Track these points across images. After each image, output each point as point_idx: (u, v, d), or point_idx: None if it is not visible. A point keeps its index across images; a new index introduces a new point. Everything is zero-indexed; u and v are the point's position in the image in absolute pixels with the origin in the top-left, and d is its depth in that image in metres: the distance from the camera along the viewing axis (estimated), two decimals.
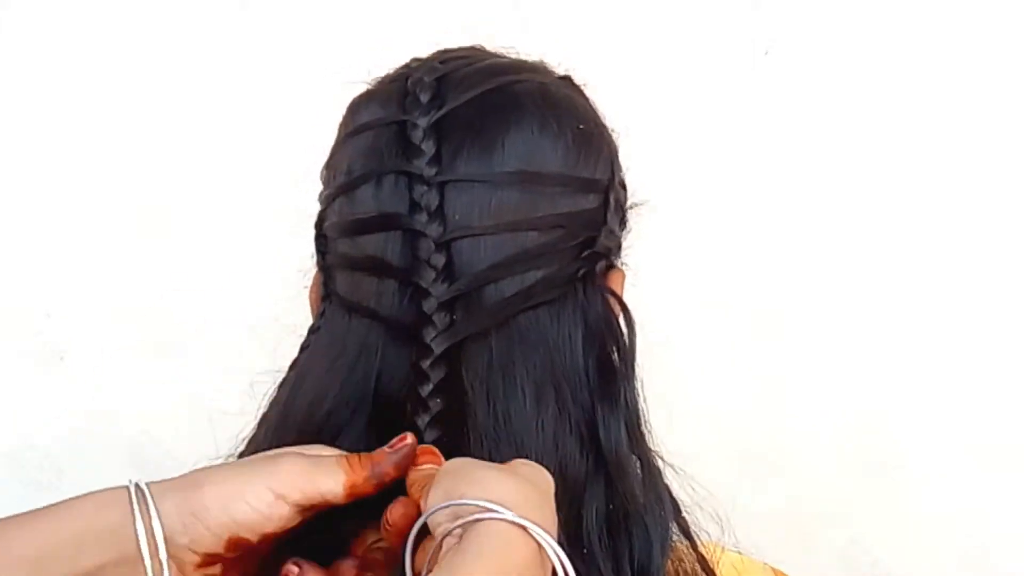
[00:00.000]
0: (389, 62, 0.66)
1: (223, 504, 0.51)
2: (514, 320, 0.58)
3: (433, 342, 0.57)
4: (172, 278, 1.20)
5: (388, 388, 0.58)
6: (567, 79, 0.65)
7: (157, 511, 0.50)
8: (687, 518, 0.60)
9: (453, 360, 0.57)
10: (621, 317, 0.61)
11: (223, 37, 1.18)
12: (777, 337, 1.22)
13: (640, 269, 0.66)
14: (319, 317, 0.63)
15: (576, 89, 0.65)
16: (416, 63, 0.64)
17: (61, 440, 1.20)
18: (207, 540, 0.51)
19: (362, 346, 0.59)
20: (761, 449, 1.22)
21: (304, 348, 0.63)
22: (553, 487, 0.51)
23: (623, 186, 0.64)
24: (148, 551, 0.50)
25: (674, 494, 0.60)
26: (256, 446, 0.62)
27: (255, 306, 1.19)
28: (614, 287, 0.62)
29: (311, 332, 0.63)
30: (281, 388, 0.63)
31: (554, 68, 0.66)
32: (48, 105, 1.18)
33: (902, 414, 1.22)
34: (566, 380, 0.58)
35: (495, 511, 0.46)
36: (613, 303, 0.61)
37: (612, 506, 0.57)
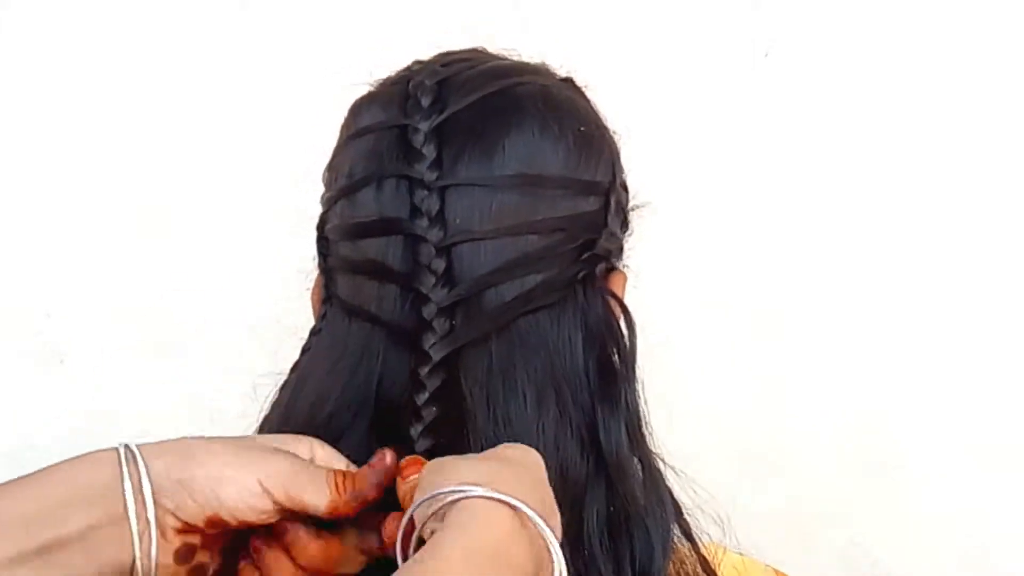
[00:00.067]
0: (389, 63, 0.66)
1: (212, 482, 0.51)
2: (514, 324, 0.57)
3: (431, 349, 0.57)
4: (172, 278, 1.19)
5: (390, 392, 0.58)
6: (569, 81, 0.65)
7: (147, 469, 0.50)
8: (689, 520, 0.60)
9: (451, 366, 0.57)
10: (622, 319, 0.61)
11: (223, 37, 1.18)
12: (777, 337, 1.22)
13: (640, 270, 0.66)
14: (320, 319, 0.63)
15: (578, 91, 0.65)
16: (418, 66, 0.64)
17: (61, 440, 1.20)
18: (190, 510, 0.51)
19: (364, 350, 0.59)
20: (761, 449, 1.22)
21: (305, 350, 0.63)
22: (542, 464, 0.51)
23: (624, 188, 0.64)
24: (135, 510, 0.49)
25: (675, 496, 0.60)
26: None
27: (255, 306, 1.19)
28: (615, 289, 0.62)
29: (312, 334, 0.63)
30: (283, 390, 0.63)
31: (556, 70, 0.65)
32: (48, 105, 1.17)
33: (902, 414, 1.22)
34: (566, 383, 0.58)
35: (465, 491, 0.46)
36: (614, 305, 0.61)
37: (613, 508, 0.57)
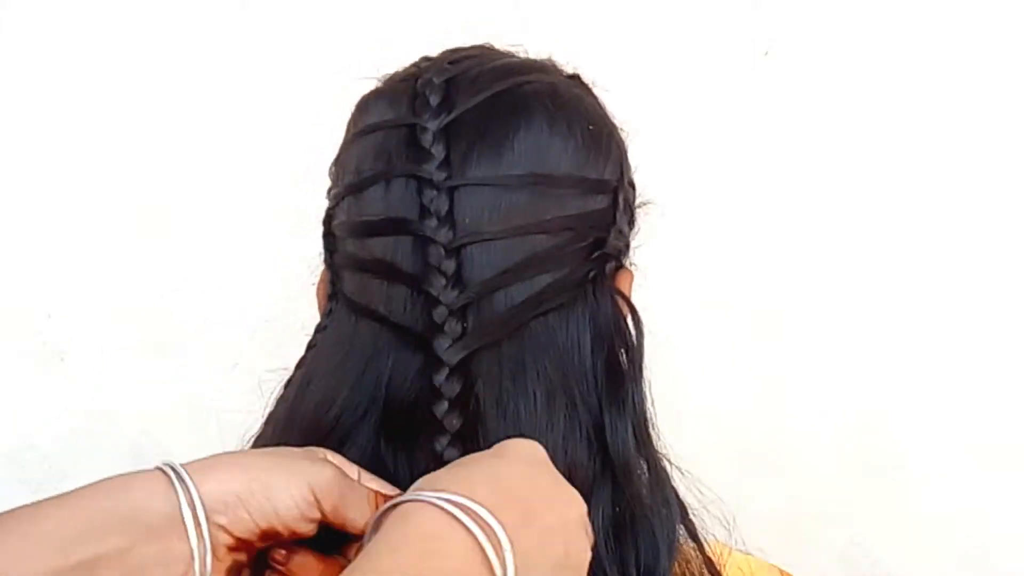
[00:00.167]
0: (389, 62, 0.66)
1: (268, 492, 0.50)
2: (525, 325, 0.57)
3: (445, 354, 0.56)
4: (172, 278, 1.19)
5: (399, 393, 0.57)
6: (576, 78, 0.65)
7: (197, 488, 0.50)
8: (694, 520, 0.60)
9: (465, 371, 0.56)
10: (629, 317, 0.61)
11: (223, 37, 1.18)
12: (777, 337, 1.22)
13: (640, 270, 0.66)
14: (326, 316, 0.62)
15: (585, 88, 0.64)
16: (426, 63, 0.63)
17: (61, 440, 1.20)
18: (245, 524, 0.50)
19: (372, 350, 0.58)
20: (761, 449, 1.22)
21: (311, 347, 0.63)
22: (538, 455, 0.52)
23: (632, 185, 0.64)
24: (193, 528, 0.49)
25: (681, 497, 0.60)
26: (264, 444, 0.61)
27: (255, 306, 1.19)
28: (622, 287, 0.62)
29: (318, 331, 0.63)
30: (288, 387, 0.62)
31: (563, 67, 0.65)
32: (48, 105, 1.17)
33: (902, 414, 1.22)
34: (575, 383, 0.57)
35: (408, 498, 0.47)
36: (621, 304, 0.61)
37: (618, 508, 0.57)
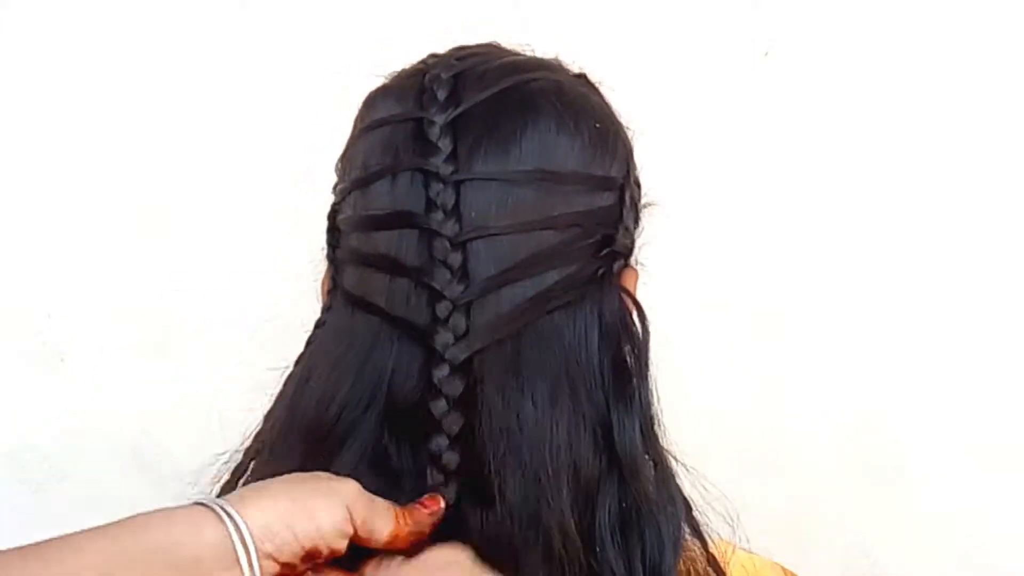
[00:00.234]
0: (389, 62, 0.66)
1: (310, 512, 0.52)
2: (531, 323, 0.57)
3: (449, 351, 0.56)
4: (172, 278, 1.19)
5: (401, 388, 0.57)
6: (582, 76, 0.65)
7: (244, 520, 0.51)
8: (698, 518, 0.60)
9: (468, 369, 0.56)
10: (635, 315, 0.61)
11: (223, 37, 1.18)
12: (777, 337, 1.22)
13: (640, 270, 0.66)
14: (325, 311, 0.62)
15: (591, 87, 0.65)
16: (433, 59, 0.63)
17: (61, 440, 1.20)
18: (291, 548, 0.51)
19: (372, 344, 0.58)
20: (761, 449, 1.22)
21: (310, 343, 0.63)
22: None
23: (638, 184, 0.64)
24: (245, 561, 0.50)
25: (686, 494, 0.60)
26: (264, 440, 0.61)
27: (255, 306, 1.19)
28: (627, 285, 0.62)
29: (317, 327, 0.63)
30: (287, 383, 0.62)
31: (569, 66, 0.65)
32: (48, 105, 1.17)
33: (902, 414, 1.22)
34: (581, 380, 0.57)
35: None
36: (627, 302, 0.61)
37: (625, 505, 0.57)
